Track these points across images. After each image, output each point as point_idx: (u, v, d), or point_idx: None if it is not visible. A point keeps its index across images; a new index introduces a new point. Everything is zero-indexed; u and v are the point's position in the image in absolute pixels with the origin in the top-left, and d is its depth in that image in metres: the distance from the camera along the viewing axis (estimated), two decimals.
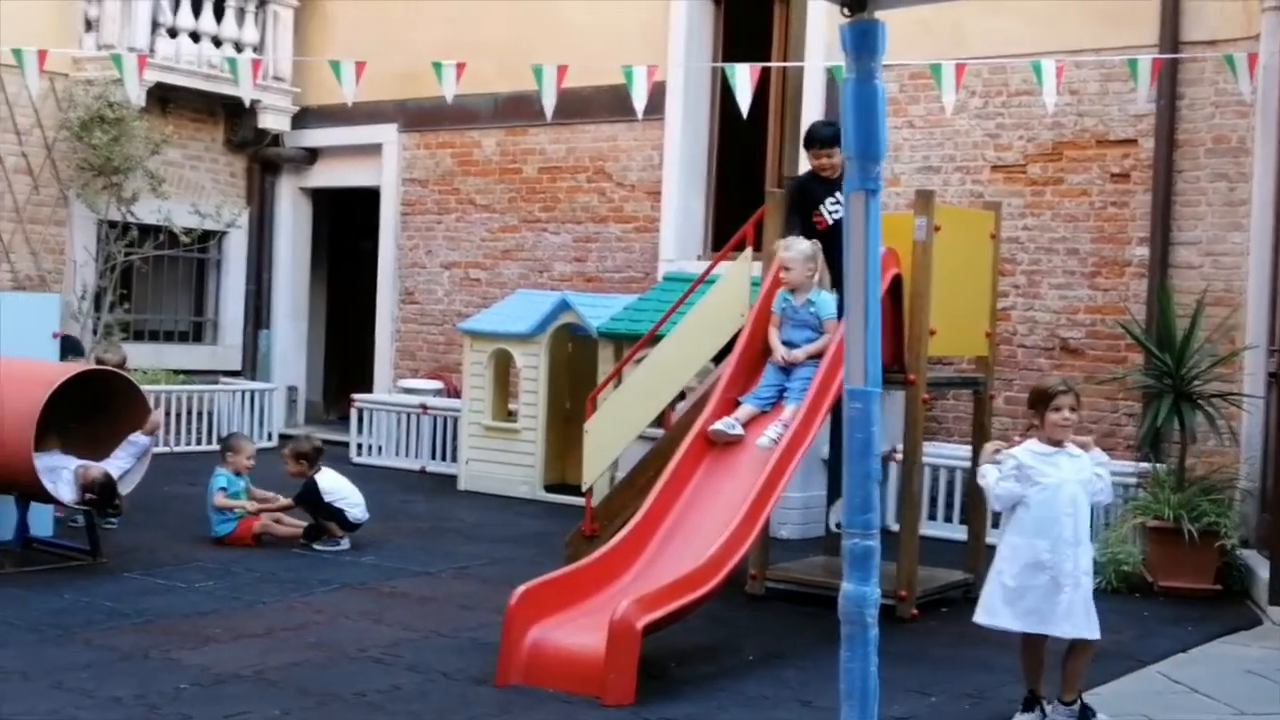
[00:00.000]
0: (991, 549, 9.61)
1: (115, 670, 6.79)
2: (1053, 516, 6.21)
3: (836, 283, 8.78)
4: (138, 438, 9.47)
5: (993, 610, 6.32)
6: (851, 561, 4.04)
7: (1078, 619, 6.20)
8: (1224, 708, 6.82)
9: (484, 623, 7.92)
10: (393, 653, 7.31)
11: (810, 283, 8.49)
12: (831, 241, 8.78)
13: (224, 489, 10.37)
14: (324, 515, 10.28)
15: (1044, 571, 6.18)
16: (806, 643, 7.92)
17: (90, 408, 9.52)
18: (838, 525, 9.06)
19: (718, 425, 8.24)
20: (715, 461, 8.26)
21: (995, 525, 10.49)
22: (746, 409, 8.36)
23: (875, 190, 3.96)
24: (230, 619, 7.96)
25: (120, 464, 9.40)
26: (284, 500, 10.45)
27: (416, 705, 6.43)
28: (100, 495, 9.15)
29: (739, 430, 8.23)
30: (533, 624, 6.94)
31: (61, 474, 9.22)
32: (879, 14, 3.97)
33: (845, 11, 3.95)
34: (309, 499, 10.32)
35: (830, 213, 8.83)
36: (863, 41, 3.93)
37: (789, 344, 8.50)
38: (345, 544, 10.23)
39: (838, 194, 8.76)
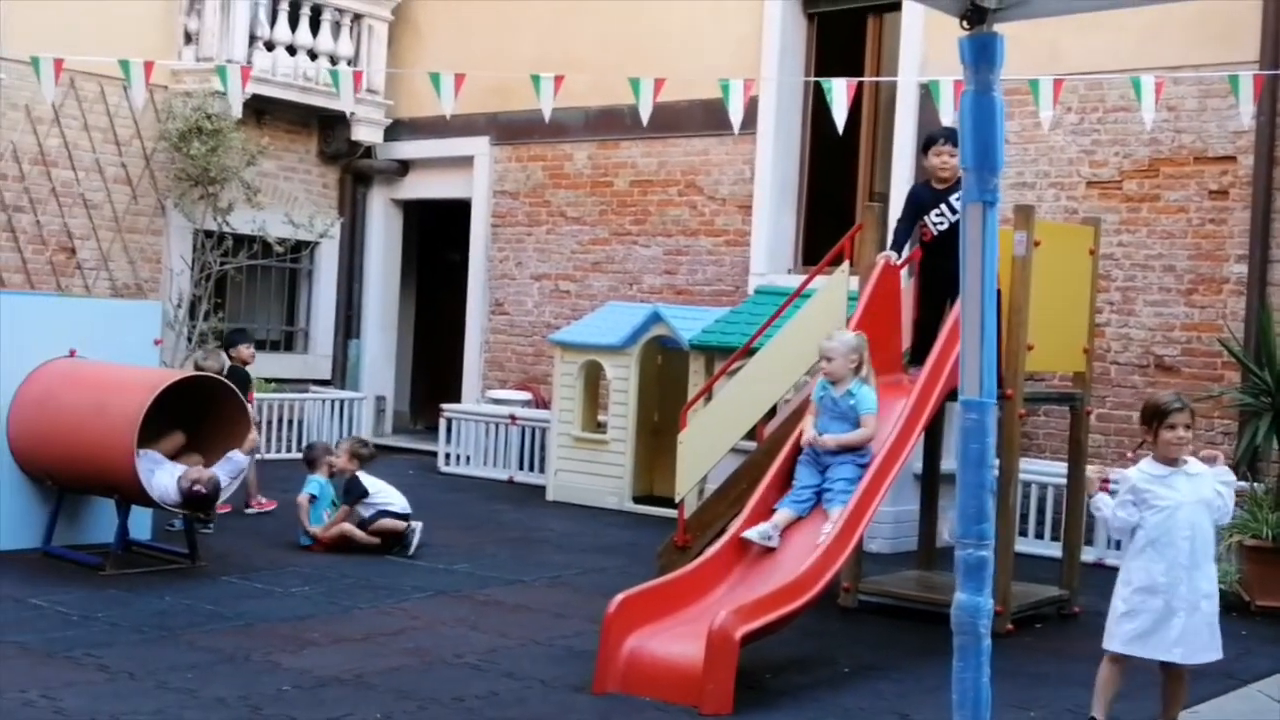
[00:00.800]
0: (1086, 567, 9.67)
1: (218, 672, 6.89)
2: (1168, 540, 6.01)
3: (937, 295, 8.85)
4: (236, 455, 9.53)
5: (1110, 635, 6.17)
6: (965, 571, 4.04)
7: (1191, 644, 6.03)
8: None
9: (579, 631, 7.98)
10: (489, 659, 7.37)
11: (852, 375, 8.14)
12: (934, 252, 8.85)
13: (314, 495, 10.52)
14: (368, 517, 10.41)
15: (1157, 595, 6.01)
16: (901, 656, 7.92)
17: (191, 413, 9.67)
18: (951, 535, 9.01)
19: (751, 533, 7.72)
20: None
21: (1089, 543, 10.51)
22: (784, 514, 7.85)
23: (993, 202, 3.96)
24: (328, 624, 8.05)
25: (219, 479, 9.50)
26: (342, 509, 10.53)
27: (515, 711, 6.48)
28: (207, 493, 9.24)
29: (775, 541, 7.70)
30: (630, 632, 6.98)
31: (163, 464, 9.35)
32: (997, 26, 3.98)
33: (964, 24, 3.97)
34: (354, 493, 10.45)
35: (934, 224, 8.86)
36: (982, 54, 3.95)
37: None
38: (417, 527, 10.40)
39: (942, 205, 8.80)
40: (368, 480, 10.54)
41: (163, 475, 9.27)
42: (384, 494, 10.55)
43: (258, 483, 11.92)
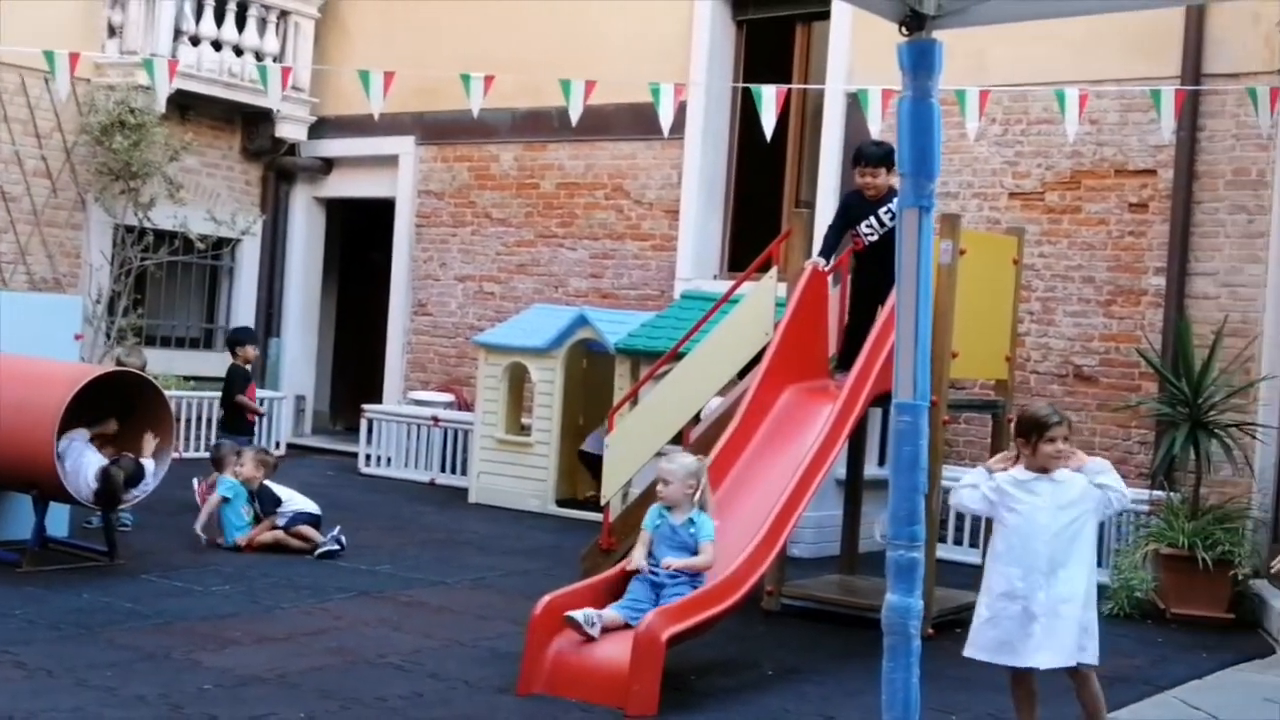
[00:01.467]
0: None
1: (138, 670, 6.82)
2: (1025, 546, 5.97)
3: (867, 303, 8.93)
4: (150, 469, 9.41)
5: (971, 641, 6.12)
6: (896, 573, 4.09)
7: (1056, 649, 5.94)
8: None
9: (503, 633, 7.96)
10: (413, 660, 7.34)
11: (690, 501, 7.46)
12: (865, 262, 8.96)
13: (227, 497, 10.43)
14: (283, 525, 10.42)
15: (1015, 601, 5.95)
16: (824, 658, 7.98)
17: (112, 411, 9.56)
18: (883, 536, 9.05)
19: (576, 615, 7.03)
20: (736, 482, 8.30)
21: None
22: (613, 615, 7.18)
23: (929, 208, 4.01)
24: (250, 623, 7.98)
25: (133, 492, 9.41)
26: (265, 522, 10.47)
27: (439, 712, 6.46)
28: (127, 476, 9.12)
29: (596, 631, 7.00)
30: (555, 634, 6.98)
31: (89, 447, 9.23)
32: (936, 33, 4.03)
33: (903, 30, 4.01)
34: (269, 502, 10.48)
35: (865, 235, 8.97)
36: (920, 60, 3.99)
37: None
38: (336, 531, 10.40)
39: (871, 217, 8.93)
40: (277, 488, 10.55)
41: (89, 454, 9.15)
42: (294, 500, 10.57)
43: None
